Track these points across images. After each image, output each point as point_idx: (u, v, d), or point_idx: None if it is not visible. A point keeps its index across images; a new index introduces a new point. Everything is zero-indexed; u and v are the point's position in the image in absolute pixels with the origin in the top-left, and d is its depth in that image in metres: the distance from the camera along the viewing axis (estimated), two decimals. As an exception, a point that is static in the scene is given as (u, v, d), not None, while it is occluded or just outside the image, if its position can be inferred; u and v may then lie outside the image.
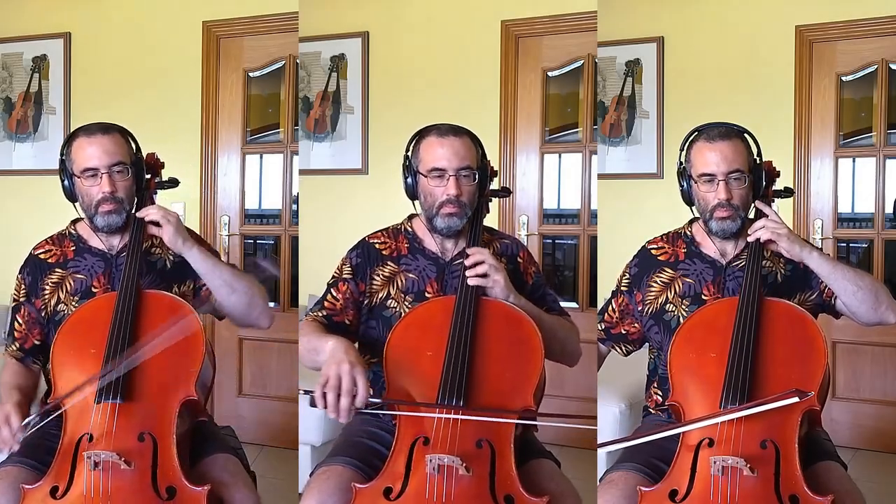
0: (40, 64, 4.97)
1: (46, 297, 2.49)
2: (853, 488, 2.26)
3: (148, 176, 2.58)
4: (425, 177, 2.45)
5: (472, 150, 2.47)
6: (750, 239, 2.42)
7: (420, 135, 2.50)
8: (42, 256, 2.54)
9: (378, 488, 2.17)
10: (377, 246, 2.54)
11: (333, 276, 2.54)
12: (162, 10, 4.79)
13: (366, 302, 2.50)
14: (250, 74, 4.72)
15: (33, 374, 2.53)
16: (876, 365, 4.55)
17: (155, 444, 2.20)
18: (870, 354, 4.55)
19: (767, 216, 2.43)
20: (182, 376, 2.29)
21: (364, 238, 2.57)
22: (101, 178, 2.43)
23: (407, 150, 2.51)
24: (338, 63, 4.96)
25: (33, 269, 2.53)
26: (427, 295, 2.47)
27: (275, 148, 4.74)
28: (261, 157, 4.79)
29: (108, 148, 2.44)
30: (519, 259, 2.58)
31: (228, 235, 4.74)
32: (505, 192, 2.73)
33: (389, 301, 2.49)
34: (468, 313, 2.32)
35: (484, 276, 2.36)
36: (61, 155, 2.50)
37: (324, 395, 2.13)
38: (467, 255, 2.41)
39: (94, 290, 2.48)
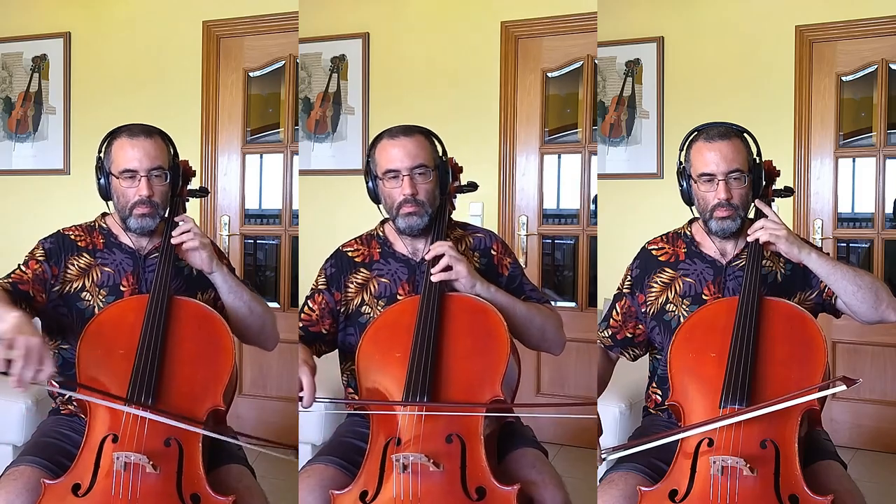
0: (40, 64, 4.97)
1: (70, 276, 2.47)
2: (853, 487, 2.26)
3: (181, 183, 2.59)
4: (382, 179, 2.48)
5: (427, 148, 2.48)
6: (749, 239, 2.42)
7: (376, 139, 2.52)
8: (72, 237, 2.52)
9: (355, 494, 2.19)
10: (350, 254, 2.56)
11: (311, 288, 2.57)
12: (162, 10, 4.79)
13: (342, 310, 2.53)
14: (250, 74, 4.72)
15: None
16: (876, 365, 4.55)
17: (181, 450, 2.20)
18: (870, 354, 4.55)
19: (767, 216, 2.43)
20: (211, 386, 2.30)
21: (338, 248, 2.59)
22: (139, 181, 2.43)
23: (367, 156, 2.54)
24: (338, 64, 4.96)
25: (58, 241, 2.50)
26: (399, 297, 2.48)
27: (275, 148, 4.74)
28: (261, 157, 4.79)
29: (149, 151, 2.44)
30: (493, 251, 2.58)
31: (228, 235, 4.75)
32: (471, 187, 2.72)
33: (364, 307, 2.51)
34: (432, 310, 2.33)
35: (447, 268, 2.38)
36: (99, 152, 2.49)
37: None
38: (428, 250, 2.43)
39: (122, 288, 2.48)
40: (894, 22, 4.40)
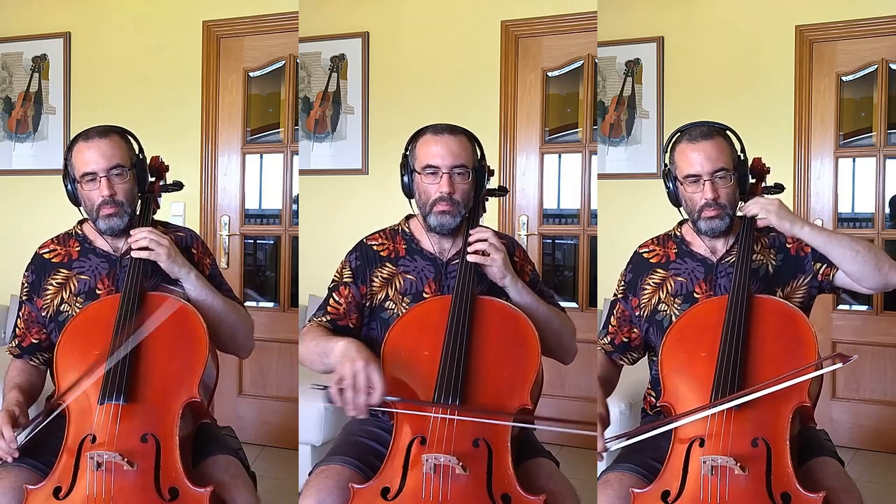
0: (40, 64, 4.97)
1: (49, 296, 2.49)
2: (848, 484, 2.24)
3: (152, 179, 2.59)
4: (420, 174, 2.46)
5: (468, 149, 2.47)
6: (739, 214, 2.40)
7: (418, 133, 2.50)
8: (46, 256, 2.54)
9: (376, 488, 2.18)
10: (375, 248, 2.54)
11: (334, 281, 2.54)
12: (162, 10, 4.79)
13: (367, 304, 2.50)
14: (250, 74, 4.72)
15: (38, 371, 2.54)
16: (876, 365, 4.55)
17: (158, 446, 2.20)
18: (870, 354, 4.54)
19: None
20: (185, 378, 2.29)
21: (362, 240, 2.57)
22: (99, 181, 2.43)
23: (406, 149, 2.52)
24: (338, 63, 4.96)
25: (37, 268, 2.53)
26: (425, 295, 2.47)
27: (275, 148, 4.74)
28: (261, 157, 4.79)
29: (105, 151, 2.44)
30: (515, 258, 2.57)
31: (228, 235, 4.75)
32: (502, 192, 2.74)
33: (388, 302, 2.49)
34: (464, 312, 2.32)
35: (484, 254, 2.38)
36: (65, 159, 2.51)
37: (339, 392, 2.15)
38: (469, 234, 2.42)
39: (98, 291, 2.48)
40: (894, 22, 4.39)
